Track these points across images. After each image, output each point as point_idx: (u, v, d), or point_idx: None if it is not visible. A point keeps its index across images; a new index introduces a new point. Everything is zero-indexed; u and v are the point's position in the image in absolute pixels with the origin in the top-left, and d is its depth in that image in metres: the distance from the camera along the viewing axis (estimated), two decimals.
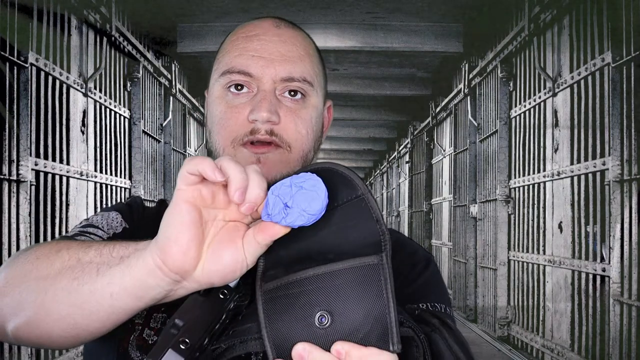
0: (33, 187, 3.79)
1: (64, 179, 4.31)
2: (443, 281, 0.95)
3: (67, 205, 4.34)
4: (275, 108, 0.85)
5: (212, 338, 0.65)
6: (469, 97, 6.63)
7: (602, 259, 3.91)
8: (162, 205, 0.97)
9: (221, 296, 0.66)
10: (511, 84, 5.52)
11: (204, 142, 8.00)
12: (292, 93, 0.87)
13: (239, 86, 0.87)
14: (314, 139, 0.90)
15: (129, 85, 5.57)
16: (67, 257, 0.71)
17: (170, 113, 6.63)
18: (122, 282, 0.65)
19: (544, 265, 4.78)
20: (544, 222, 4.79)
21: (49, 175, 4.07)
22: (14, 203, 3.57)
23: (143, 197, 5.65)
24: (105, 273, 0.66)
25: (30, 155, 3.77)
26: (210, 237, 0.64)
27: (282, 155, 0.86)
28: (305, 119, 0.88)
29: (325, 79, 0.95)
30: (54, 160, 4.13)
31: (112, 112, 5.24)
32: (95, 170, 4.85)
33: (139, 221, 0.93)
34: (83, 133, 4.62)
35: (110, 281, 0.66)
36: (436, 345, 0.65)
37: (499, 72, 5.62)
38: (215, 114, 0.89)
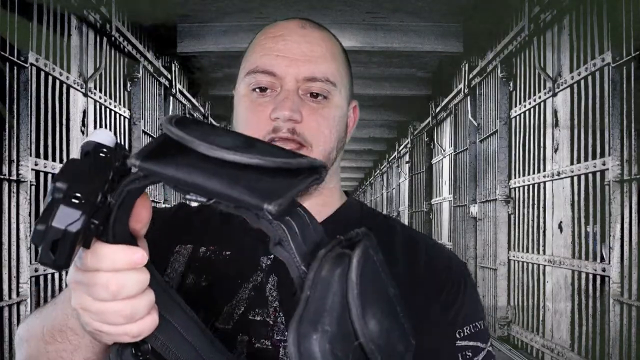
0: (33, 187, 3.78)
1: None
2: (478, 293, 0.96)
3: None
4: (298, 107, 0.87)
5: (104, 196, 0.59)
6: (469, 97, 6.62)
7: (602, 259, 3.91)
8: (181, 208, 1.01)
9: (102, 155, 0.61)
10: (511, 84, 5.52)
11: None
12: (314, 95, 0.89)
13: (263, 89, 0.89)
14: (337, 139, 0.92)
15: (129, 85, 5.57)
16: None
17: (170, 113, 6.63)
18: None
19: (544, 265, 4.78)
20: (544, 222, 4.79)
21: (49, 175, 4.06)
22: (14, 203, 3.56)
23: None
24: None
25: (30, 155, 3.76)
26: None
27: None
28: (327, 118, 0.89)
29: (351, 80, 0.96)
30: (54, 160, 4.13)
31: (112, 112, 5.23)
32: None
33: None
34: (83, 133, 4.62)
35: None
36: None
37: (499, 72, 5.62)
38: (241, 112, 0.92)
